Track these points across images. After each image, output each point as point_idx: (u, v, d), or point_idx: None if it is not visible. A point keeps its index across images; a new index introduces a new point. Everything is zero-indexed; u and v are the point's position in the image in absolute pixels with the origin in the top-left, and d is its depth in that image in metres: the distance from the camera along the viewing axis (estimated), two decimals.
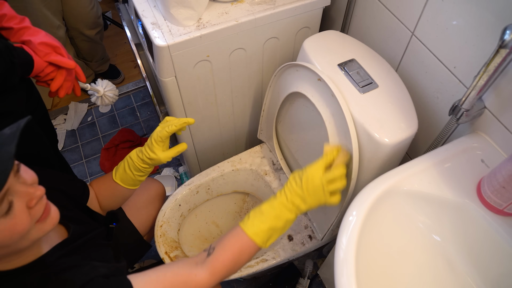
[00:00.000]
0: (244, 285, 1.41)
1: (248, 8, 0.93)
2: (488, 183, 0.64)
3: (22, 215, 0.51)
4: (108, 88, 1.01)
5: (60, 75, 0.87)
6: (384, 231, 0.71)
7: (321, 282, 1.38)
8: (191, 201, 1.15)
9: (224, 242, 0.73)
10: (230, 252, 0.71)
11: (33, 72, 0.82)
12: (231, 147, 1.38)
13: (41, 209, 0.55)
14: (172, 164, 1.77)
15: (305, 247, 1.05)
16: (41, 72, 0.84)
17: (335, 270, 0.60)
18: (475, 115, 0.71)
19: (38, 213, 0.54)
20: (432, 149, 0.81)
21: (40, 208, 0.55)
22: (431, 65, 0.81)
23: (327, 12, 1.10)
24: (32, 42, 0.82)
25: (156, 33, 0.87)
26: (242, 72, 1.06)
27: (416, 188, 0.70)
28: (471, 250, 0.69)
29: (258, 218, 0.73)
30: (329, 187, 0.73)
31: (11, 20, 0.83)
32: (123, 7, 1.17)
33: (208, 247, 0.74)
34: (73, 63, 0.87)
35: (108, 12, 2.39)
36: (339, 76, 0.82)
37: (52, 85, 0.87)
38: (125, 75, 2.09)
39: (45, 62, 0.83)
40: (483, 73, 0.61)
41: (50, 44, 0.84)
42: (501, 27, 0.56)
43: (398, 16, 0.86)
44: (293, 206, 0.73)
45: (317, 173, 0.73)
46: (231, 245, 0.72)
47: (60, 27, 1.57)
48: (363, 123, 0.75)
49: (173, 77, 0.95)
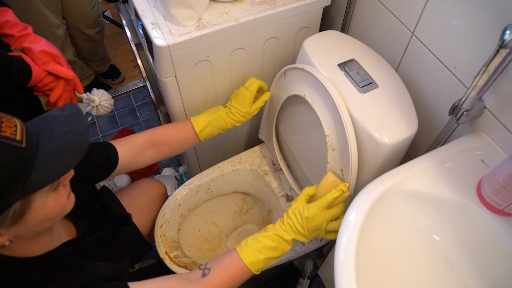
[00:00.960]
0: (244, 285, 1.41)
1: (248, 8, 0.93)
2: (488, 183, 0.64)
3: (62, 191, 0.58)
4: (104, 98, 1.02)
5: (59, 85, 0.86)
6: (384, 231, 0.71)
7: (321, 282, 1.38)
8: (191, 201, 1.15)
9: (220, 265, 0.75)
10: (225, 277, 0.74)
11: (31, 82, 0.81)
12: (231, 147, 1.38)
13: (68, 188, 0.61)
14: (172, 164, 1.77)
15: (305, 247, 1.05)
16: (39, 82, 0.83)
17: (335, 270, 0.60)
18: (475, 115, 0.71)
19: (67, 190, 0.60)
20: (432, 149, 0.81)
21: (68, 187, 0.61)
22: (431, 65, 0.81)
23: (327, 12, 1.10)
24: (32, 50, 0.81)
25: (156, 33, 0.87)
26: (242, 72, 1.06)
27: (416, 188, 0.70)
28: (471, 250, 0.69)
29: (255, 247, 0.76)
30: (329, 227, 0.77)
31: (13, 27, 0.82)
32: (123, 7, 1.17)
33: (204, 265, 0.77)
34: (72, 74, 0.86)
35: (107, 11, 2.39)
36: (339, 76, 0.82)
37: (51, 95, 0.86)
38: (125, 75, 2.09)
39: (44, 71, 0.82)
40: (483, 73, 0.61)
41: (50, 52, 0.83)
42: (501, 27, 0.56)
43: (398, 16, 0.86)
44: (292, 241, 0.78)
45: (319, 214, 0.76)
46: (227, 270, 0.75)
47: (60, 26, 1.57)
48: (363, 123, 0.75)
49: (173, 77, 0.95)
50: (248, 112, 0.98)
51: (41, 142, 0.52)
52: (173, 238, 1.08)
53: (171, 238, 1.08)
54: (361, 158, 0.78)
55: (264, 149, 1.22)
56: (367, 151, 0.76)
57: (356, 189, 0.81)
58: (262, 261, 0.76)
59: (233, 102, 0.98)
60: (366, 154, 0.77)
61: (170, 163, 1.78)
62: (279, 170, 1.17)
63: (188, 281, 0.73)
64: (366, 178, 0.80)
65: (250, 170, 1.18)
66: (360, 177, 0.81)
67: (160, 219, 1.07)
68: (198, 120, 0.96)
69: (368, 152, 0.76)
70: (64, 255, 0.65)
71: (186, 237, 1.18)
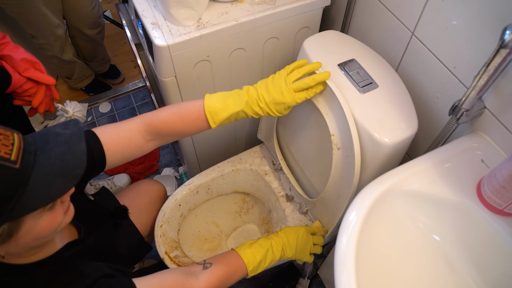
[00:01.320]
0: (244, 285, 1.41)
1: (248, 8, 0.93)
2: (488, 183, 0.64)
3: (59, 208, 0.55)
4: (77, 109, 1.07)
5: (40, 90, 0.89)
6: (384, 231, 0.71)
7: (321, 282, 1.38)
8: (191, 201, 1.15)
9: (221, 260, 0.83)
10: (226, 269, 0.81)
11: (10, 88, 0.83)
12: (231, 147, 1.38)
13: (67, 203, 0.59)
14: (172, 164, 1.77)
15: None
16: (19, 88, 0.85)
17: (335, 270, 0.60)
18: (475, 115, 0.71)
19: (65, 206, 0.58)
20: (432, 149, 0.81)
21: (67, 202, 0.59)
22: (431, 65, 0.81)
23: (327, 12, 1.10)
24: (13, 58, 0.83)
25: (156, 33, 0.87)
26: (242, 72, 1.06)
27: (416, 188, 0.70)
28: (471, 250, 0.69)
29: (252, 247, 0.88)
30: (311, 250, 0.96)
31: None
32: (123, 7, 1.17)
33: (203, 261, 0.82)
34: (52, 80, 0.89)
35: (107, 11, 2.39)
36: (339, 76, 0.82)
37: (34, 100, 0.89)
38: (125, 75, 2.09)
39: (24, 78, 0.85)
40: (483, 73, 0.61)
41: (30, 60, 0.86)
42: (501, 27, 0.56)
43: (398, 16, 0.86)
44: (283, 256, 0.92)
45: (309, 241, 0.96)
46: (228, 264, 0.82)
47: (60, 26, 1.57)
48: (363, 123, 0.75)
49: (173, 77, 0.95)
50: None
51: (37, 163, 0.49)
52: (173, 238, 1.08)
53: (171, 238, 1.08)
54: (361, 158, 0.78)
55: (264, 149, 1.22)
56: (367, 151, 0.76)
57: (356, 189, 0.81)
58: (257, 262, 0.86)
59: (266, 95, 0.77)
60: (366, 154, 0.77)
61: (170, 163, 1.78)
62: (279, 170, 1.17)
63: (188, 273, 0.76)
64: (366, 178, 0.80)
65: (250, 170, 1.18)
66: (360, 177, 0.81)
67: (160, 219, 1.07)
68: (215, 117, 0.76)
69: (368, 152, 0.76)
70: (67, 256, 0.65)
71: (186, 237, 1.18)
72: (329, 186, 0.88)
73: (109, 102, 2.00)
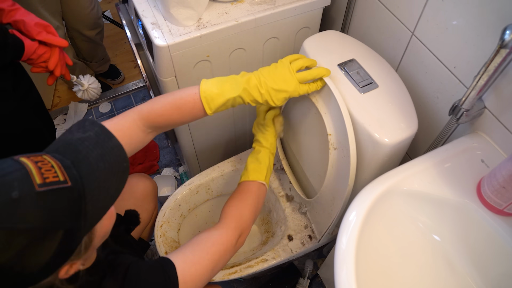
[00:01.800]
0: (244, 285, 1.41)
1: (248, 8, 0.93)
2: (488, 183, 0.64)
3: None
4: (91, 82, 1.08)
5: (54, 53, 0.91)
6: (384, 231, 0.71)
7: (321, 282, 1.38)
8: (191, 201, 1.15)
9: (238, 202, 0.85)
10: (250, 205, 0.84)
11: (24, 54, 0.85)
12: (231, 147, 1.38)
13: None
14: (172, 164, 1.77)
15: (305, 247, 1.05)
16: (33, 53, 0.86)
17: (335, 270, 0.60)
18: (475, 115, 0.71)
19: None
20: (432, 149, 0.81)
21: None
22: (431, 65, 0.81)
23: (327, 12, 1.10)
24: (26, 22, 0.85)
25: (156, 33, 0.87)
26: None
27: (416, 188, 0.70)
28: (471, 250, 0.69)
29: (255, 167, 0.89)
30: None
31: (3, 1, 0.85)
32: (123, 7, 1.17)
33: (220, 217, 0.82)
34: (65, 42, 0.91)
35: (107, 11, 2.39)
36: (339, 76, 0.82)
37: (49, 63, 0.90)
38: (125, 75, 2.09)
39: (35, 42, 0.86)
40: (483, 73, 0.61)
41: (41, 24, 0.88)
42: (501, 27, 0.56)
43: (398, 16, 0.86)
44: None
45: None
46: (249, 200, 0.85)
47: (59, 27, 1.57)
48: (363, 123, 0.75)
49: (173, 77, 0.95)
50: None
51: (82, 173, 0.48)
52: (173, 238, 1.08)
53: (171, 238, 1.07)
54: (361, 158, 0.78)
55: None
56: (367, 151, 0.76)
57: (356, 189, 0.81)
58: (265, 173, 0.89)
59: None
60: (366, 154, 0.77)
61: (170, 163, 1.78)
62: (279, 170, 1.17)
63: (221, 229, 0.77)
64: (366, 178, 0.80)
65: None
66: (360, 177, 0.81)
67: (160, 219, 1.07)
68: (211, 103, 0.75)
69: (368, 152, 0.76)
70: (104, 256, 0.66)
71: (186, 237, 1.18)
72: (325, 186, 0.88)
73: (109, 102, 2.00)
